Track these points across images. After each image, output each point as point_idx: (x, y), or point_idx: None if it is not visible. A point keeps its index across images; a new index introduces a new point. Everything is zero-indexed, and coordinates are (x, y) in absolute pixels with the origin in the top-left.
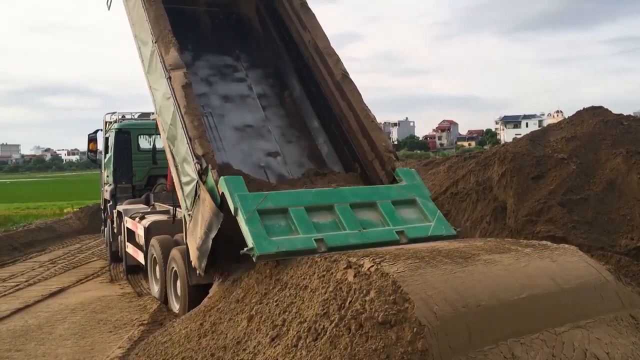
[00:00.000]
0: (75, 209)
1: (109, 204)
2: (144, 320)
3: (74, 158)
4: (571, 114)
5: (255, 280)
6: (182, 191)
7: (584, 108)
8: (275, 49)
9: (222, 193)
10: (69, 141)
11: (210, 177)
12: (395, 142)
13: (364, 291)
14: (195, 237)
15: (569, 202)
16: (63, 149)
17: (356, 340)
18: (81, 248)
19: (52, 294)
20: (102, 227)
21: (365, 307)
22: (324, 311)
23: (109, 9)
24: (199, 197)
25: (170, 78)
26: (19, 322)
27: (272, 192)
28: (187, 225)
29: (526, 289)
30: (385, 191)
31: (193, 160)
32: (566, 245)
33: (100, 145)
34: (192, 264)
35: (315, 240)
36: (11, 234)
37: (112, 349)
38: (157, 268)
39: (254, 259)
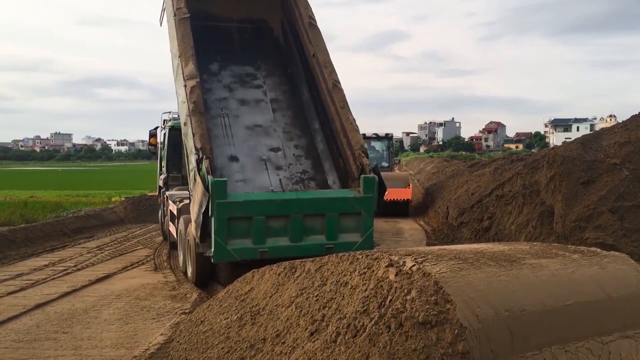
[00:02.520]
0: (122, 198)
1: (162, 191)
2: (185, 309)
3: (123, 148)
4: (625, 119)
5: (295, 273)
6: (189, 176)
7: (639, 112)
8: (292, 59)
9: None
10: (118, 132)
11: (204, 166)
12: (440, 142)
13: (405, 290)
14: (193, 212)
15: (620, 209)
16: (113, 140)
17: (395, 339)
18: (127, 236)
19: (99, 280)
20: (159, 211)
21: (405, 306)
22: (364, 308)
23: (160, 24)
24: (195, 181)
25: (185, 86)
26: (66, 305)
27: (247, 199)
28: (190, 203)
29: (573, 296)
30: (340, 204)
31: (194, 152)
32: (616, 253)
33: (159, 140)
34: (193, 234)
35: (260, 251)
36: (61, 220)
37: (154, 335)
38: (182, 242)
39: (212, 260)
